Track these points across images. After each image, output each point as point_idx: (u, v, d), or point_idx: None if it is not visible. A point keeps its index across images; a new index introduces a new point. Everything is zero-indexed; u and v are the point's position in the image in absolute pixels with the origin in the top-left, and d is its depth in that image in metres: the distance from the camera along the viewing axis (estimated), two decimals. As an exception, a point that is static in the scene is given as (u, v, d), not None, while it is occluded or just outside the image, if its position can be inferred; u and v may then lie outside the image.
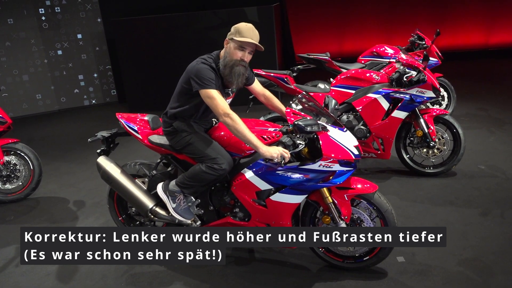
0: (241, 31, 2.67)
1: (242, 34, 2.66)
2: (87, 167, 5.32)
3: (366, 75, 4.23)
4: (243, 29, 2.67)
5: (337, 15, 9.72)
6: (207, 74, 2.62)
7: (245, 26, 2.70)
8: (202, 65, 2.66)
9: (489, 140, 4.99)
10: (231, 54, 2.70)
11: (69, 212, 4.16)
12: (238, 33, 2.67)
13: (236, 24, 2.75)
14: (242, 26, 2.69)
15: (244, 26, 2.69)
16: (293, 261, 3.08)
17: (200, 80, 2.61)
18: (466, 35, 9.51)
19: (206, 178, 2.74)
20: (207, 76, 2.61)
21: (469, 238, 3.18)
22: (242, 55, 2.70)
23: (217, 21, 7.08)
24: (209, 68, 2.66)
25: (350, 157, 2.58)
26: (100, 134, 3.25)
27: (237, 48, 2.69)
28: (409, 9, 9.52)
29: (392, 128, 4.09)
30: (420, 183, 4.09)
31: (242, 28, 2.68)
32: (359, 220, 2.77)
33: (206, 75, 2.61)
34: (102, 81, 8.46)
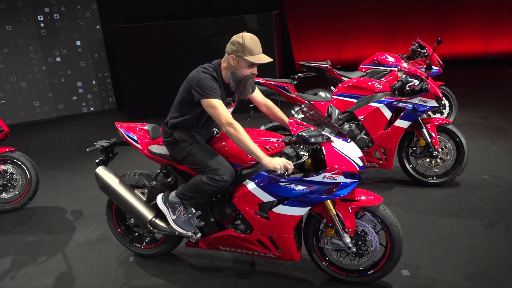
0: (250, 49, 2.56)
1: (253, 52, 2.57)
2: (85, 175, 5.25)
3: (368, 83, 4.19)
4: (251, 46, 2.57)
5: (337, 23, 9.71)
6: (208, 84, 2.56)
7: (251, 41, 2.58)
8: (204, 74, 2.61)
9: (492, 150, 4.95)
10: (241, 71, 2.63)
11: (66, 223, 4.09)
12: (248, 52, 2.56)
13: (237, 34, 2.64)
14: (249, 43, 2.57)
15: (250, 42, 2.57)
16: (295, 274, 3.01)
17: (202, 89, 2.55)
18: (465, 43, 9.52)
19: (207, 189, 2.68)
20: (208, 86, 2.56)
21: (475, 251, 3.11)
22: (252, 70, 2.66)
23: (217, 29, 7.05)
24: (210, 78, 2.60)
25: (354, 169, 2.52)
26: (99, 144, 3.20)
27: (247, 66, 2.62)
28: (409, 17, 9.52)
29: (394, 137, 4.04)
30: (423, 193, 4.03)
31: (249, 44, 2.56)
32: (364, 233, 2.71)
33: (208, 85, 2.56)
34: (100, 88, 8.40)
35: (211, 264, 3.22)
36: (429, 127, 4.02)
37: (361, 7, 9.59)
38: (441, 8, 9.41)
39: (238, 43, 2.58)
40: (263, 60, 2.59)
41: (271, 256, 2.86)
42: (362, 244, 2.72)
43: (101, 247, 3.58)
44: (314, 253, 2.86)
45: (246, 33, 2.63)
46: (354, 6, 9.60)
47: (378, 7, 9.57)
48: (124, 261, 3.35)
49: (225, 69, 2.69)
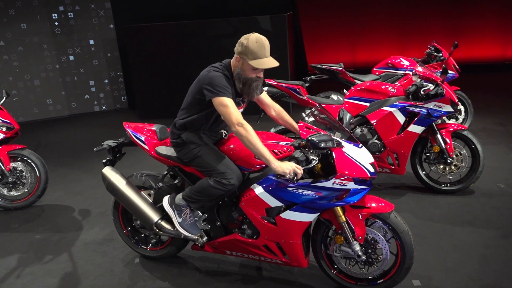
0: (253, 51, 2.47)
1: (256, 55, 2.48)
2: (94, 174, 5.24)
3: (382, 87, 4.10)
4: (255, 49, 2.47)
5: (350, 25, 9.60)
6: (221, 82, 2.51)
7: (256, 44, 2.48)
8: (215, 73, 2.56)
9: (509, 157, 4.81)
10: (246, 73, 2.58)
11: (73, 222, 4.08)
12: (251, 55, 2.48)
13: (245, 34, 2.56)
14: (253, 46, 2.47)
15: (255, 45, 2.47)
16: (303, 281, 2.94)
17: (214, 87, 2.49)
18: (482, 47, 9.32)
19: (214, 193, 2.63)
20: (221, 84, 2.50)
21: (490, 262, 3.01)
22: (257, 73, 2.59)
23: (230, 30, 7.01)
24: (222, 76, 2.55)
25: (365, 175, 2.44)
26: (106, 144, 3.17)
27: (251, 69, 2.56)
28: (423, 20, 9.36)
29: (408, 143, 3.94)
30: (436, 200, 3.93)
31: (253, 47, 2.47)
32: (374, 240, 2.63)
33: (220, 83, 2.50)
34: (113, 88, 8.43)
35: (217, 268, 3.17)
36: (443, 133, 3.92)
37: (375, 9, 9.46)
38: (457, 12, 9.23)
39: (242, 45, 2.51)
40: (266, 65, 2.49)
41: (278, 262, 2.80)
42: (372, 253, 2.64)
43: (107, 248, 3.55)
44: (322, 260, 2.78)
45: (254, 34, 2.54)
46: (368, 8, 9.47)
47: (392, 10, 9.44)
48: (130, 262, 3.32)
49: (234, 69, 2.63)
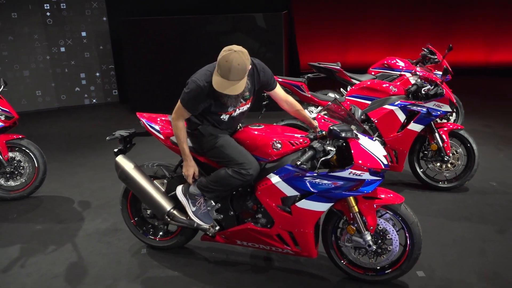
0: (220, 67, 2.42)
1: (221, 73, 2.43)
2: (89, 168, 5.20)
3: (383, 86, 4.21)
4: (221, 67, 2.41)
5: (342, 26, 9.78)
6: (193, 96, 2.59)
7: (225, 64, 2.38)
8: (193, 84, 2.59)
9: (498, 157, 5.01)
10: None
11: (74, 213, 4.04)
12: (219, 69, 2.44)
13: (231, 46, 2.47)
14: (222, 63, 2.40)
15: (224, 64, 2.39)
16: (311, 271, 3.02)
17: (184, 93, 2.63)
18: (467, 52, 9.62)
19: (232, 183, 2.67)
20: (190, 97, 2.60)
21: (488, 254, 3.14)
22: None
23: (227, 26, 7.04)
24: (198, 90, 2.57)
25: (379, 166, 2.53)
26: (118, 133, 3.17)
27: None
28: (413, 23, 9.62)
29: (407, 140, 4.07)
30: (432, 197, 4.06)
31: (221, 64, 2.41)
32: (384, 231, 2.72)
33: (191, 96, 2.60)
34: (104, 81, 8.34)
35: (226, 258, 3.21)
36: (441, 131, 4.05)
37: (367, 12, 9.66)
38: (445, 17, 9.51)
39: (219, 54, 2.46)
40: (218, 87, 2.43)
41: (288, 252, 2.86)
42: (382, 243, 2.74)
43: (111, 239, 3.55)
44: (332, 250, 2.86)
45: (232, 53, 2.40)
46: (360, 10, 9.67)
47: (384, 13, 9.65)
48: (137, 252, 3.33)
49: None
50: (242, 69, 2.41)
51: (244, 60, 2.41)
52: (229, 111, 2.71)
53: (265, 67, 2.74)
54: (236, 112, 2.74)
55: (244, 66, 2.41)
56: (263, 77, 2.71)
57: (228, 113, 2.72)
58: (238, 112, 2.76)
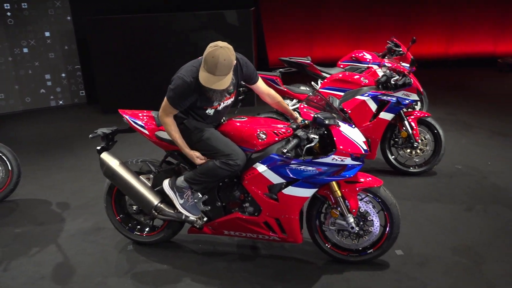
0: (207, 63, 2.48)
1: (208, 69, 2.48)
2: (64, 169, 5.12)
3: (354, 77, 4.39)
4: (208, 63, 2.46)
5: (308, 22, 10.00)
6: (179, 91, 2.62)
7: (211, 59, 2.45)
8: (179, 81, 2.61)
9: (462, 142, 5.32)
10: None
11: (54, 214, 3.99)
12: (205, 65, 2.48)
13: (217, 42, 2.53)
14: (209, 59, 2.45)
15: (211, 60, 2.45)
16: (297, 256, 3.14)
17: (170, 90, 2.65)
18: (427, 45, 10.05)
19: (220, 174, 2.75)
20: (177, 92, 2.62)
21: (459, 231, 3.37)
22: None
23: (197, 24, 7.06)
24: (181, 87, 2.61)
25: (360, 151, 2.68)
26: (100, 131, 3.17)
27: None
28: (375, 19, 9.96)
29: (379, 129, 4.26)
30: (404, 181, 4.28)
31: (208, 60, 2.46)
32: (365, 213, 2.88)
33: (177, 92, 2.62)
34: (70, 82, 8.16)
35: (213, 249, 3.28)
36: (410, 119, 4.27)
37: (332, 7, 9.92)
38: (405, 12, 9.91)
39: (205, 50, 2.51)
40: (206, 82, 2.49)
41: (275, 239, 2.97)
42: (364, 225, 2.89)
43: (96, 237, 3.54)
44: (316, 234, 2.99)
45: (218, 49, 2.46)
46: (324, 6, 9.91)
47: (347, 9, 9.94)
48: (123, 249, 3.34)
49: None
50: (228, 65, 2.49)
51: (230, 56, 2.49)
52: (214, 105, 2.78)
53: (248, 61, 2.83)
54: (221, 106, 2.82)
55: (230, 61, 2.49)
56: (246, 71, 2.80)
57: (213, 107, 2.79)
58: (223, 106, 2.84)
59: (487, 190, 4.02)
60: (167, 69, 7.17)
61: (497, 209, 3.67)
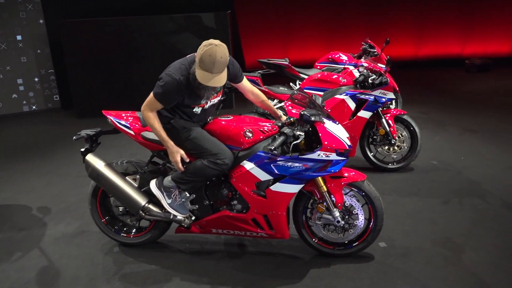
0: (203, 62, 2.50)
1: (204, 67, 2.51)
2: (42, 174, 5.02)
3: (333, 77, 4.50)
4: (205, 61, 2.49)
5: (283, 25, 10.14)
6: (167, 89, 2.63)
7: (208, 58, 2.48)
8: (168, 78, 2.62)
9: (435, 139, 5.52)
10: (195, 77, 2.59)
11: (35, 219, 3.91)
12: (202, 64, 2.51)
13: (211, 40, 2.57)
14: (205, 58, 2.48)
15: (207, 58, 2.48)
16: (284, 252, 3.20)
17: (157, 87, 2.66)
18: (398, 46, 10.35)
19: (208, 173, 2.78)
20: (164, 89, 2.63)
21: (438, 223, 3.51)
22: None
23: (173, 26, 7.05)
24: (170, 85, 2.62)
25: (344, 147, 2.76)
26: (84, 132, 3.14)
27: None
28: (349, 22, 10.20)
29: (358, 127, 4.38)
30: (384, 177, 4.42)
31: (205, 59, 2.49)
32: (350, 207, 2.97)
33: (165, 89, 2.63)
34: (43, 86, 7.98)
35: (200, 248, 3.30)
36: (387, 117, 4.41)
37: (306, 10, 10.10)
38: (378, 15, 10.19)
39: (199, 51, 2.54)
40: (206, 81, 2.52)
41: (263, 235, 3.02)
42: (349, 218, 2.98)
43: (81, 240, 3.50)
44: (303, 229, 3.06)
45: (213, 47, 2.50)
46: (299, 9, 10.08)
47: (321, 12, 10.15)
48: (110, 251, 3.32)
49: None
50: (224, 62, 2.54)
51: (225, 53, 2.55)
52: (201, 103, 2.81)
53: (234, 60, 2.88)
54: (208, 104, 2.86)
55: (226, 58, 2.55)
56: (232, 70, 2.85)
57: (200, 106, 2.82)
58: (210, 104, 2.87)
59: (462, 184, 4.20)
60: (143, 72, 7.17)
61: (473, 201, 3.83)
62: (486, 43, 10.51)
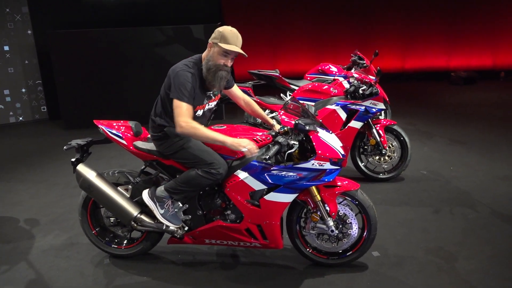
0: (226, 37, 2.67)
1: (227, 41, 2.67)
2: (29, 185, 4.93)
3: (324, 88, 4.54)
4: (228, 35, 2.67)
5: (271, 37, 10.25)
6: (184, 84, 2.64)
7: (230, 32, 2.69)
8: (183, 72, 2.66)
9: (424, 150, 5.58)
10: (214, 59, 2.72)
11: (22, 231, 3.83)
12: (223, 39, 2.67)
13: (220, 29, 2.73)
14: (227, 32, 2.68)
15: (229, 32, 2.69)
16: (278, 262, 3.17)
17: (176, 88, 2.65)
18: (385, 59, 10.52)
19: (202, 183, 2.75)
20: (182, 85, 2.64)
21: (430, 232, 3.53)
22: (225, 61, 2.73)
23: (162, 38, 7.06)
24: (189, 77, 2.66)
25: (338, 156, 2.77)
26: (75, 142, 3.10)
27: (220, 53, 2.71)
28: (337, 36, 10.35)
29: (349, 137, 4.41)
30: (375, 187, 4.44)
31: (227, 33, 2.68)
32: (344, 216, 2.97)
33: (183, 85, 2.64)
34: (31, 97, 7.89)
35: (193, 259, 3.26)
36: (378, 127, 4.46)
37: (294, 23, 10.23)
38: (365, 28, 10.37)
39: (217, 31, 2.71)
40: (234, 49, 2.68)
41: (256, 245, 2.99)
42: (343, 227, 2.98)
43: (70, 252, 3.43)
44: (297, 239, 3.05)
45: (228, 27, 2.74)
46: (287, 22, 10.21)
47: (308, 25, 10.29)
48: (100, 263, 3.26)
49: (204, 59, 2.78)
50: (241, 39, 2.77)
51: None
52: (203, 103, 2.84)
53: None
54: (206, 107, 2.89)
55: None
56: None
57: (201, 107, 2.84)
58: (207, 108, 2.90)
59: (452, 193, 4.24)
60: (131, 84, 7.14)
61: (463, 211, 3.87)
62: (470, 56, 10.74)
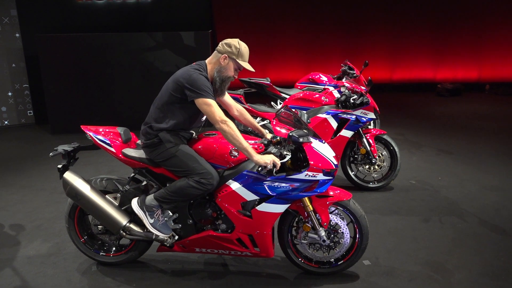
0: (243, 54, 2.81)
1: (244, 58, 2.82)
2: (14, 190, 4.83)
3: (315, 96, 4.56)
4: (244, 53, 2.82)
5: (262, 46, 10.28)
6: (204, 83, 2.68)
7: (244, 48, 2.84)
8: (199, 75, 2.70)
9: (413, 160, 5.63)
10: (228, 71, 2.82)
11: (7, 237, 3.74)
12: (241, 56, 2.80)
13: (229, 39, 2.86)
14: (243, 49, 2.82)
15: (244, 49, 2.83)
16: (269, 271, 3.15)
17: (198, 89, 2.65)
18: (373, 70, 10.64)
19: (193, 193, 2.72)
20: (204, 85, 2.67)
21: (419, 241, 3.55)
22: (234, 73, 2.86)
23: (152, 44, 7.03)
24: (204, 78, 2.72)
25: (331, 166, 2.77)
26: (61, 148, 3.02)
27: (235, 68, 2.84)
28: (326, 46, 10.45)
29: (340, 146, 4.43)
30: (365, 196, 4.45)
31: (244, 51, 2.82)
32: (335, 225, 2.96)
33: (204, 84, 2.68)
34: (17, 101, 7.77)
35: (182, 268, 3.22)
36: (368, 136, 4.48)
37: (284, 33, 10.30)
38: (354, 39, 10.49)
39: (234, 46, 2.79)
40: (249, 67, 2.83)
41: (247, 254, 2.97)
42: (334, 237, 2.97)
43: (56, 259, 3.36)
44: (289, 248, 3.03)
45: (240, 41, 2.85)
46: (277, 31, 10.28)
47: (298, 34, 10.37)
48: (87, 271, 3.19)
49: (211, 68, 2.82)
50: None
51: None
52: None
53: None
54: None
55: None
56: None
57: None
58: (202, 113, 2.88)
59: (441, 203, 4.27)
60: (120, 89, 7.09)
61: (452, 220, 3.90)
62: (456, 69, 10.93)
